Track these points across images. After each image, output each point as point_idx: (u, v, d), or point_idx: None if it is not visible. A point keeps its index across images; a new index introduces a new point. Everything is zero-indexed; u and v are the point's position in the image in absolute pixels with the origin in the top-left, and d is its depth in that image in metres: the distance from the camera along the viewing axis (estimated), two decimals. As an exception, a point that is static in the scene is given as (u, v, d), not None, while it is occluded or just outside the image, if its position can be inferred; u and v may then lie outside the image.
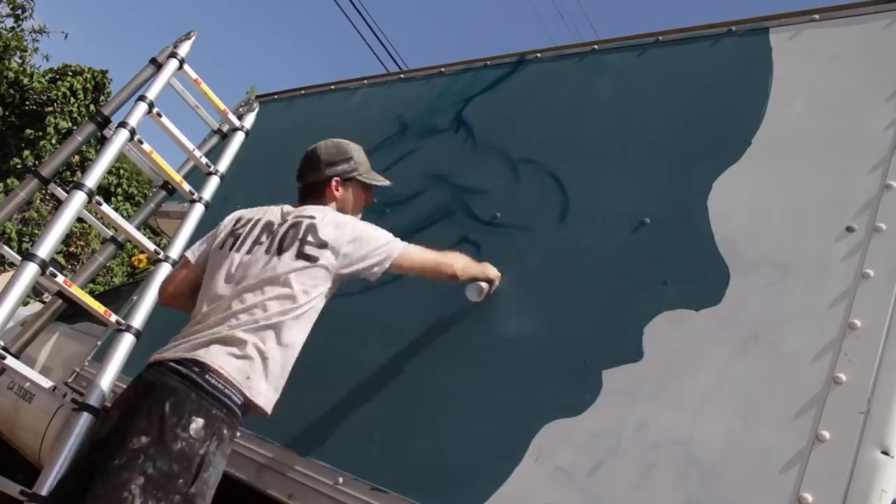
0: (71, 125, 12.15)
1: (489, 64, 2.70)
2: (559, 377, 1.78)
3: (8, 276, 2.51)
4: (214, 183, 2.76)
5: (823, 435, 1.36)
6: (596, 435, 1.63)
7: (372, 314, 2.27)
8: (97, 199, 2.39)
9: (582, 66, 2.39)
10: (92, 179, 2.34)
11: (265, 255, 1.75)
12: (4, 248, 3.13)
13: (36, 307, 4.69)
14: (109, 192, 12.85)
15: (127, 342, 2.28)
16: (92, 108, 12.27)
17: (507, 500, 1.67)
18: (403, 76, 3.11)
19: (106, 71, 13.05)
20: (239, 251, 1.80)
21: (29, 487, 1.99)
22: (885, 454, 1.30)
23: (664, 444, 1.54)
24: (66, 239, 8.12)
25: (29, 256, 2.16)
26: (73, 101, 12.50)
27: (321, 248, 1.73)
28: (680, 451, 1.51)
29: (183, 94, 3.02)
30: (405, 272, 1.88)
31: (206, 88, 2.91)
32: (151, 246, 2.54)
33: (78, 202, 2.30)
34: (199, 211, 2.67)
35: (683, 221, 1.82)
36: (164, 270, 2.45)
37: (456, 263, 1.92)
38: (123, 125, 2.49)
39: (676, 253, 1.78)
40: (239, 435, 1.70)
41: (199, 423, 1.52)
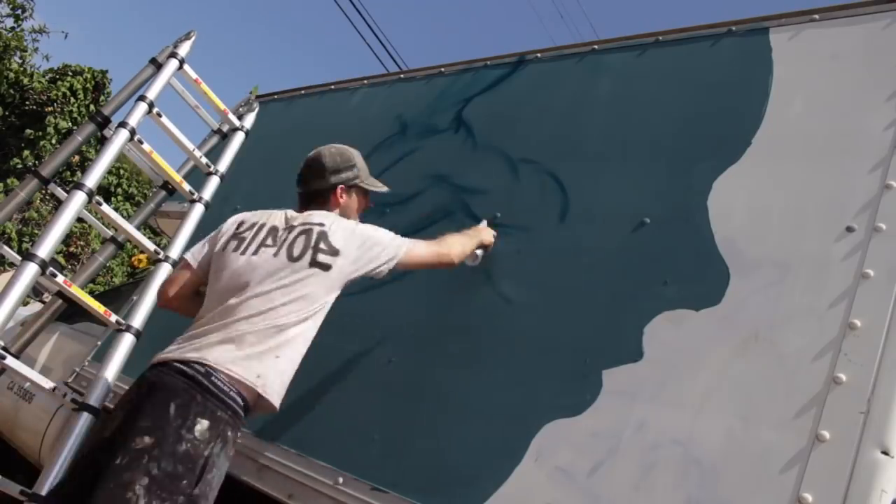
0: (71, 125, 12.15)
1: (489, 64, 2.69)
2: (559, 377, 1.78)
3: (8, 276, 2.51)
4: (214, 183, 2.77)
5: (823, 435, 1.36)
6: (596, 435, 1.63)
7: (372, 314, 2.27)
8: (97, 199, 2.39)
9: (582, 66, 2.39)
10: (92, 179, 2.34)
11: (273, 258, 1.77)
12: (4, 248, 3.13)
13: (36, 307, 4.69)
14: (109, 192, 12.86)
15: (127, 342, 2.28)
16: (92, 108, 12.28)
17: (507, 500, 1.67)
18: (403, 76, 3.11)
19: (106, 71, 13.08)
20: (244, 254, 1.81)
21: (29, 487, 1.99)
22: (885, 454, 1.30)
23: (664, 444, 1.54)
24: (66, 239, 8.12)
25: (29, 256, 2.16)
26: (73, 101, 12.51)
27: (334, 255, 1.76)
28: (680, 451, 1.51)
29: (183, 94, 3.02)
30: (410, 268, 1.97)
31: (206, 88, 2.91)
32: (151, 246, 2.54)
33: (78, 202, 2.30)
34: (199, 211, 2.67)
35: (683, 221, 1.81)
36: (164, 270, 2.45)
37: (453, 250, 1.98)
38: (123, 125, 2.49)
39: (676, 253, 1.78)
40: (240, 436, 1.70)
41: (203, 424, 1.53)
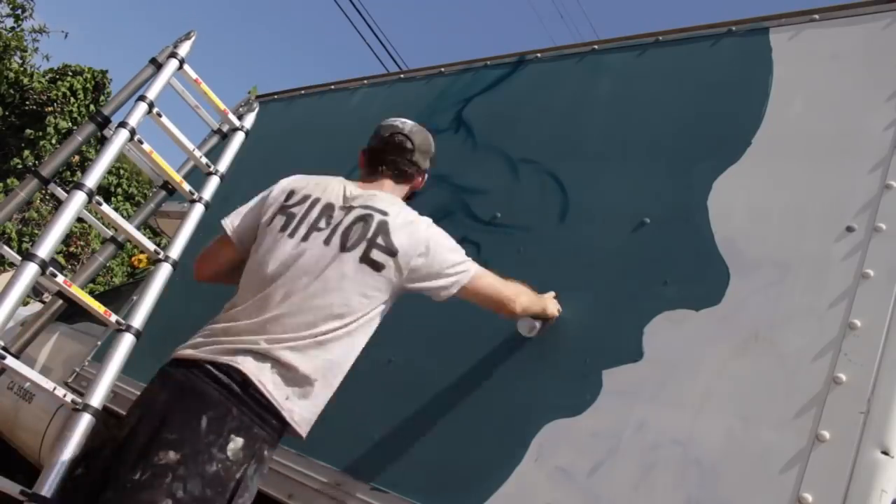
0: (71, 125, 12.17)
1: (489, 64, 2.70)
2: (559, 377, 1.78)
3: (8, 276, 2.51)
4: (214, 183, 2.76)
5: (823, 435, 1.36)
6: (596, 435, 1.64)
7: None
8: (97, 199, 2.39)
9: (582, 66, 2.39)
10: (92, 179, 2.34)
11: (323, 246, 1.53)
12: (4, 248, 3.13)
13: (36, 307, 4.69)
14: (109, 192, 12.87)
15: (127, 342, 2.27)
16: (92, 108, 12.29)
17: (507, 500, 1.67)
18: (403, 76, 3.11)
19: (106, 71, 13.10)
20: (293, 236, 1.56)
21: (29, 487, 1.99)
22: (885, 454, 1.30)
23: (664, 444, 1.54)
24: (66, 239, 8.12)
25: (29, 256, 2.16)
26: (73, 101, 12.53)
27: (390, 255, 1.52)
28: (680, 451, 1.51)
29: (183, 94, 3.01)
30: (466, 299, 1.68)
31: (206, 88, 2.91)
32: (151, 246, 2.53)
33: (78, 202, 2.30)
34: (199, 211, 2.67)
35: (683, 221, 1.82)
36: (164, 270, 2.45)
37: (518, 300, 1.72)
38: (123, 125, 2.49)
39: (676, 253, 1.79)
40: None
41: (238, 442, 1.36)
